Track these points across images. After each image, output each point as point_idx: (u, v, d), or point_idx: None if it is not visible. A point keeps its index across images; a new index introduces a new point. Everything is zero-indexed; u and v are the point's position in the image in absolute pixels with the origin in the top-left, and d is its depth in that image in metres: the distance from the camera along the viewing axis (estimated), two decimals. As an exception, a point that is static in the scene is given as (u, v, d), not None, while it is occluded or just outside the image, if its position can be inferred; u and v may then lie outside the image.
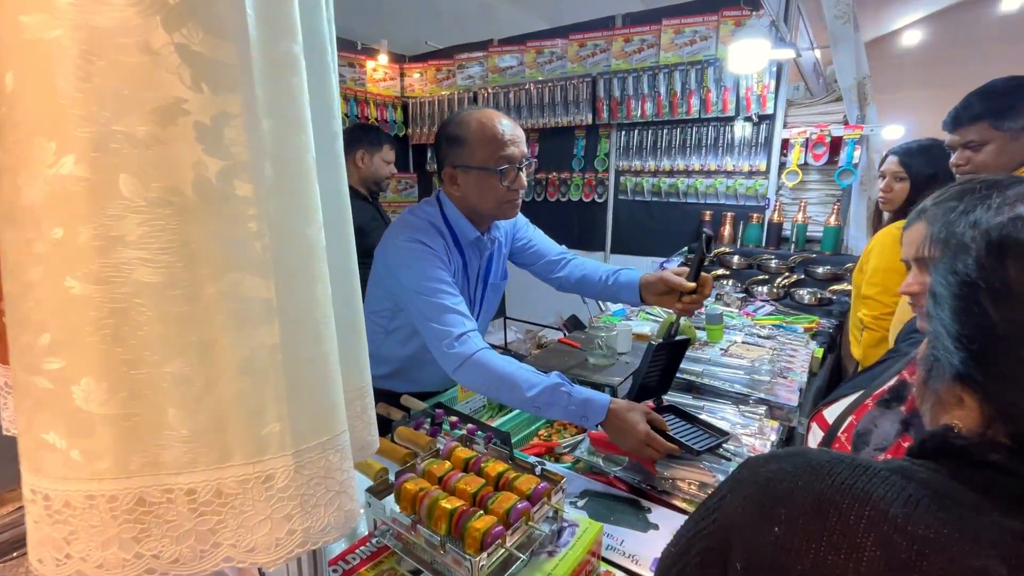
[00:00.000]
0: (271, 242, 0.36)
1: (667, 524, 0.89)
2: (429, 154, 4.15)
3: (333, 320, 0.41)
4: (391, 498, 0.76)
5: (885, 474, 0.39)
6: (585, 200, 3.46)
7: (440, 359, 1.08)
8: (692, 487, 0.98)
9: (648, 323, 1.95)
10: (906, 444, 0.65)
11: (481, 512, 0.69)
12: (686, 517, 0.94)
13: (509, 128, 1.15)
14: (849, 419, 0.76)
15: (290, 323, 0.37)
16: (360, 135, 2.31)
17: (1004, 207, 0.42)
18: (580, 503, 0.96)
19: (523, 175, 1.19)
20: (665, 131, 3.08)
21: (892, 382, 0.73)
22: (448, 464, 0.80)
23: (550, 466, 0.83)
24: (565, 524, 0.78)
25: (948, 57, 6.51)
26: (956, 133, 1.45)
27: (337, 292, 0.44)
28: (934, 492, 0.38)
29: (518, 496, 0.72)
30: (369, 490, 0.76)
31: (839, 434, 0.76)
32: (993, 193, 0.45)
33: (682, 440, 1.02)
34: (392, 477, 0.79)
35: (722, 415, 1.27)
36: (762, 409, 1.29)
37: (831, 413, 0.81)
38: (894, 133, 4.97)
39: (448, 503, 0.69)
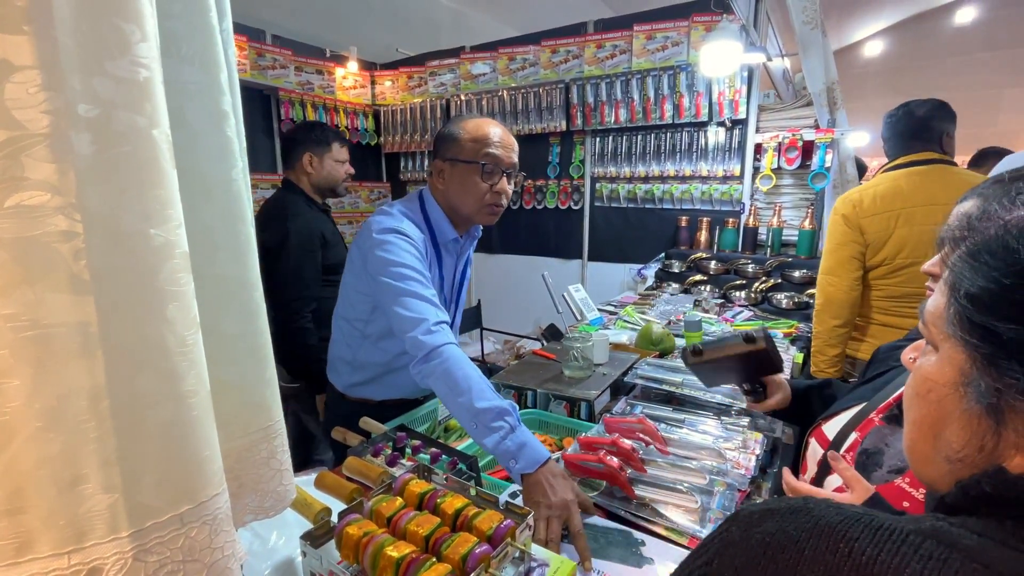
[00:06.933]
0: (90, 244, 0.26)
1: (663, 558, 0.80)
2: (403, 163, 4.05)
3: (201, 348, 0.31)
4: (332, 544, 0.66)
5: (916, 540, 0.31)
6: (561, 207, 3.40)
7: (410, 347, 1.03)
8: (676, 512, 0.90)
9: (625, 331, 1.88)
10: None
11: (434, 560, 0.59)
12: (683, 551, 0.85)
13: (501, 133, 1.22)
14: (853, 436, 0.68)
15: (123, 356, 0.27)
16: (303, 136, 1.96)
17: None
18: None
19: (507, 182, 1.25)
20: (639, 137, 3.05)
21: (899, 393, 0.66)
22: (400, 501, 0.70)
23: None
24: (534, 564, 0.69)
25: (907, 67, 6.77)
26: None
27: (230, 310, 0.35)
28: (985, 567, 0.29)
29: (477, 538, 0.62)
30: (305, 536, 0.65)
31: (842, 452, 0.68)
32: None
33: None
34: (336, 518, 0.69)
35: (703, 428, 1.20)
36: (745, 421, 1.23)
37: (831, 428, 0.74)
38: (859, 140, 5.08)
39: (395, 550, 0.59)
